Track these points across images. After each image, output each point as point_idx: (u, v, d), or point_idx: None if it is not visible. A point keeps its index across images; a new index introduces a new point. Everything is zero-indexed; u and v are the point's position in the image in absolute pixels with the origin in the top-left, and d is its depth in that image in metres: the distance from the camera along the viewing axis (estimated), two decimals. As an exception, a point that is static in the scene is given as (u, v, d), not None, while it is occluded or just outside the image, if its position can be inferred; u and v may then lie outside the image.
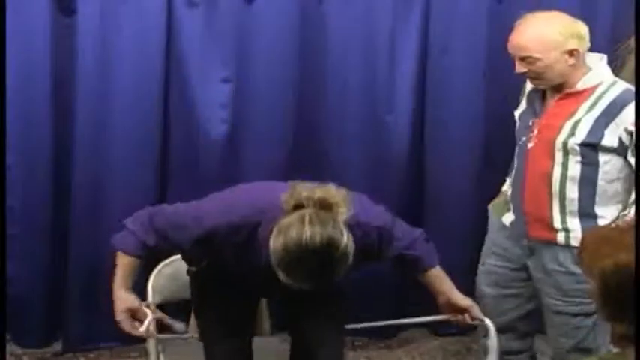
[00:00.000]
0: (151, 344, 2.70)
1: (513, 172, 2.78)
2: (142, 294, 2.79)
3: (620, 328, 1.52)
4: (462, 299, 2.47)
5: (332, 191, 2.15)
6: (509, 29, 3.44)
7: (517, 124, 2.75)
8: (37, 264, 3.44)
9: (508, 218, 2.78)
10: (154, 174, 3.43)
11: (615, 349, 1.57)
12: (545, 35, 2.52)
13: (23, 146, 3.31)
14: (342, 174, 3.50)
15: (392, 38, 3.47)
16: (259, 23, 3.36)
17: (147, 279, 2.83)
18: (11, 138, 3.25)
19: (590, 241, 1.64)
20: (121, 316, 2.34)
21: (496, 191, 2.98)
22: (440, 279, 2.49)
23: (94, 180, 3.39)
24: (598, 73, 2.60)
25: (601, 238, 1.61)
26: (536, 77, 2.59)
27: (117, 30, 3.26)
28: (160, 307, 2.83)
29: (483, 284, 2.86)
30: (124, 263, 2.40)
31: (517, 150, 2.74)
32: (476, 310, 2.47)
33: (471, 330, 3.24)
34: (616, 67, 3.42)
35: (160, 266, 2.85)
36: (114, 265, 2.42)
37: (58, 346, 3.53)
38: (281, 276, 2.08)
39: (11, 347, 3.49)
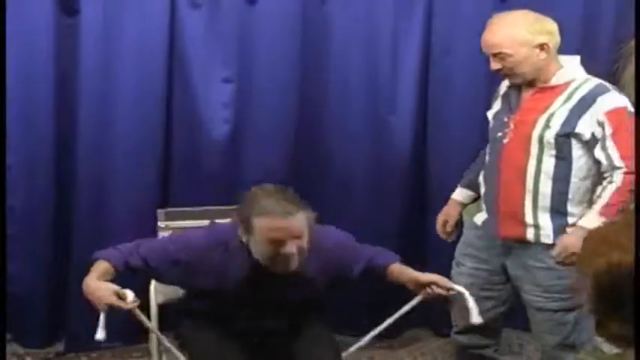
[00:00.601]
0: (153, 344, 2.71)
1: (484, 170, 2.82)
2: (142, 294, 2.82)
3: (613, 328, 1.52)
4: (426, 275, 2.54)
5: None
6: None
7: (491, 123, 2.80)
8: (38, 264, 3.43)
9: (480, 217, 2.82)
10: (157, 173, 3.43)
11: (615, 350, 1.57)
12: (514, 32, 2.61)
13: (25, 146, 3.31)
14: (344, 174, 3.55)
15: (394, 39, 3.48)
16: (261, 23, 3.36)
17: (149, 280, 2.83)
18: (13, 138, 3.26)
19: (588, 239, 1.63)
20: (106, 292, 2.40)
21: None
22: (401, 270, 2.61)
23: (96, 180, 3.38)
24: (571, 71, 2.68)
25: (598, 236, 1.61)
26: (510, 73, 2.65)
27: (119, 30, 3.26)
28: (163, 307, 2.84)
29: (460, 286, 2.86)
30: (101, 266, 2.53)
31: (489, 148, 2.79)
32: (444, 281, 2.52)
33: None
34: (619, 68, 3.45)
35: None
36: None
37: (60, 346, 3.53)
38: (256, 222, 2.40)
39: (13, 347, 3.50)
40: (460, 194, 2.95)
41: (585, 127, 2.58)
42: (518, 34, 2.60)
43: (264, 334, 2.63)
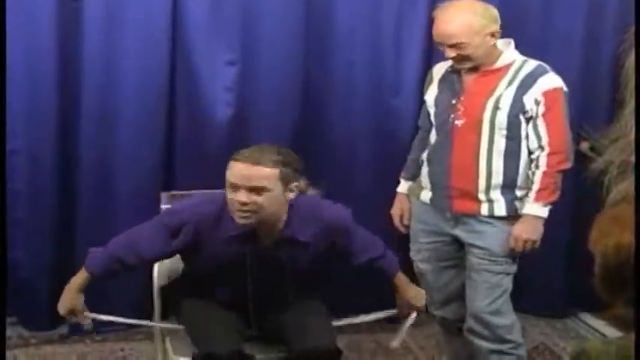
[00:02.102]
0: (156, 328, 2.74)
1: (429, 150, 2.87)
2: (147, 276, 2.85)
3: (618, 309, 1.53)
4: (415, 300, 2.74)
5: None
6: (517, 11, 3.46)
7: (433, 107, 2.86)
8: (43, 247, 3.45)
9: (426, 195, 2.88)
10: (160, 157, 3.44)
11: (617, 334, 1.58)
12: (469, 21, 2.67)
13: (29, 131, 3.32)
14: (347, 157, 3.56)
15: (398, 22, 3.48)
16: (264, 6, 3.37)
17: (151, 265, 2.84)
18: (17, 123, 3.28)
19: (601, 217, 1.63)
20: (65, 304, 2.59)
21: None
22: (400, 284, 2.75)
23: (100, 164, 3.40)
24: (510, 54, 2.77)
25: (610, 216, 1.62)
26: (464, 60, 2.72)
27: (123, 14, 3.27)
28: (165, 288, 2.85)
29: (419, 262, 2.96)
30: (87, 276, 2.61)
31: (436, 130, 2.85)
32: (413, 300, 2.73)
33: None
34: (624, 50, 3.44)
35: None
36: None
37: (64, 330, 3.55)
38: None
39: (18, 330, 3.52)
40: (405, 188, 3.01)
41: (529, 105, 2.70)
42: (474, 24, 2.67)
43: (256, 304, 2.62)
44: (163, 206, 2.93)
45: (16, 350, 3.36)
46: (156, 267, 2.82)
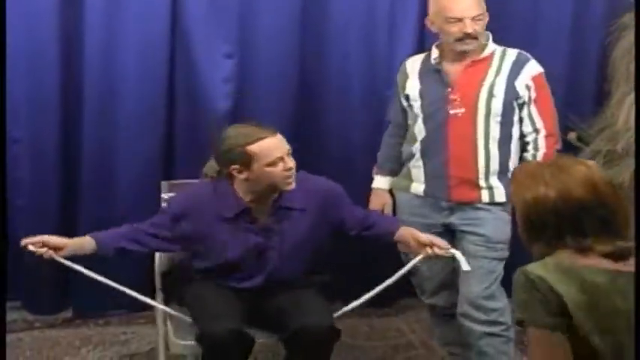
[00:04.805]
0: (158, 311, 2.79)
1: (422, 145, 2.88)
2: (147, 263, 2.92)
3: (538, 248, 1.82)
4: (425, 236, 2.69)
5: None
6: (506, 4, 3.51)
7: (418, 100, 2.88)
8: (46, 234, 3.38)
9: (419, 187, 2.91)
10: (160, 147, 3.51)
11: None
12: None
13: (32, 121, 3.40)
14: (342, 145, 3.62)
15: (392, 15, 3.54)
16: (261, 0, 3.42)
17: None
18: (21, 113, 3.35)
19: (519, 174, 1.93)
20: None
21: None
22: (406, 230, 2.75)
23: (101, 154, 3.46)
24: (491, 45, 2.86)
25: (527, 172, 1.89)
26: (475, 37, 2.77)
27: (123, 7, 3.33)
28: (166, 274, 2.91)
29: (410, 253, 2.94)
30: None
31: (425, 122, 2.86)
32: (442, 243, 2.67)
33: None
34: (611, 42, 3.52)
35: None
36: None
37: (68, 313, 3.62)
38: (255, 149, 2.55)
39: (23, 314, 3.59)
40: (385, 182, 3.05)
41: (521, 91, 2.79)
42: (482, 1, 2.79)
43: (258, 282, 2.69)
44: (164, 195, 3.00)
45: (21, 333, 3.42)
46: (157, 255, 2.88)
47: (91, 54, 3.36)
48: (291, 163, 2.59)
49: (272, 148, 2.56)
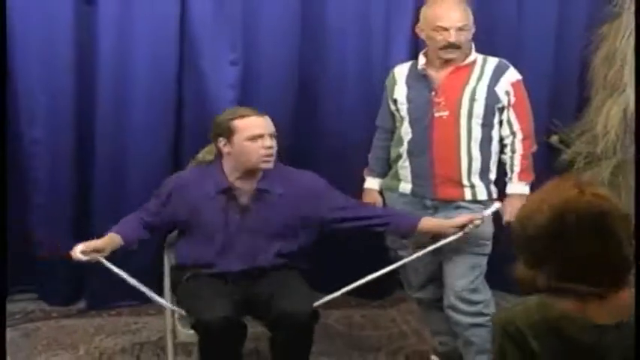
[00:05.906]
0: (167, 301, 2.87)
1: (408, 146, 2.98)
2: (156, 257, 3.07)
3: (517, 270, 1.75)
4: (461, 218, 2.83)
5: None
6: (493, 14, 3.65)
7: (406, 104, 2.97)
8: (62, 229, 3.64)
9: (406, 186, 3.02)
10: (170, 149, 3.64)
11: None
12: (468, 10, 2.90)
13: (49, 123, 3.55)
14: (341, 145, 3.74)
15: (387, 19, 3.66)
16: (263, 10, 3.57)
17: (162, 246, 3.03)
18: (39, 116, 3.52)
19: (526, 203, 1.81)
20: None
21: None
22: (430, 224, 2.87)
23: (114, 155, 3.60)
24: (474, 53, 2.96)
25: (528, 198, 1.89)
26: (459, 47, 2.88)
27: (134, 16, 3.48)
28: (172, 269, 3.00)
29: (397, 249, 3.06)
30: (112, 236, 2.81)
31: (411, 125, 2.96)
32: (475, 216, 2.83)
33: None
34: (591, 50, 3.64)
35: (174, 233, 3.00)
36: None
37: (82, 304, 3.76)
38: (238, 124, 2.74)
39: (40, 305, 3.74)
40: (375, 183, 3.15)
41: (501, 96, 2.90)
42: (469, 13, 2.89)
43: (240, 274, 2.77)
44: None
45: (39, 323, 3.54)
46: (165, 252, 3.00)
47: (105, 62, 3.50)
48: (270, 142, 2.72)
49: (254, 124, 2.73)
